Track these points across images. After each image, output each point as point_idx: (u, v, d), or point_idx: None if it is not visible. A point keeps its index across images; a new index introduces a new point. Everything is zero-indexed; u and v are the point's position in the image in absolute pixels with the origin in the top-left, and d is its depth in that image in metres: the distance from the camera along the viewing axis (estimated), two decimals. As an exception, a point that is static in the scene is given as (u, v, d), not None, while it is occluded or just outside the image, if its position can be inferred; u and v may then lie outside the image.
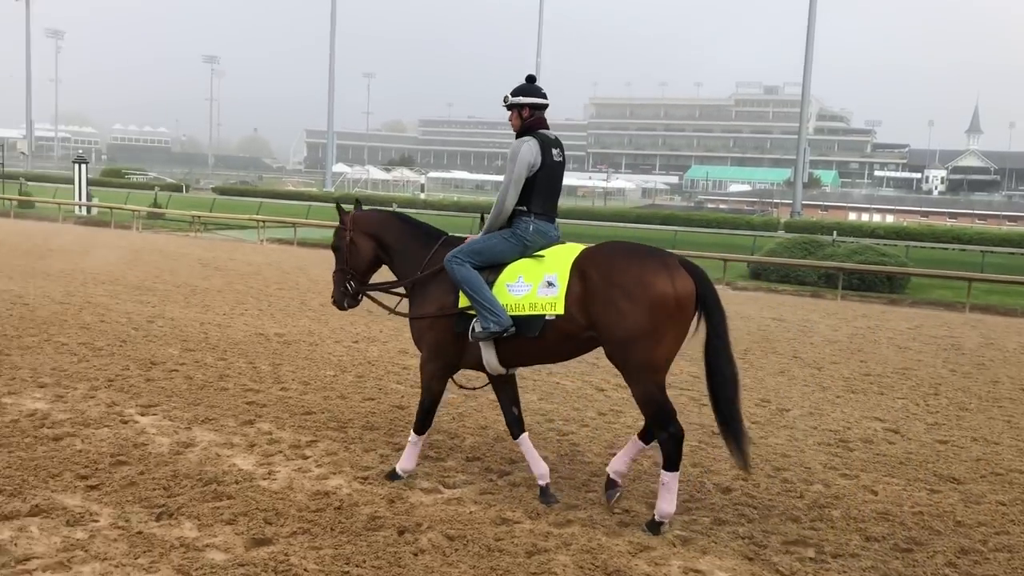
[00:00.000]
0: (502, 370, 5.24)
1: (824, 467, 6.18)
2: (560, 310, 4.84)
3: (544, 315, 4.88)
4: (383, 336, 10.41)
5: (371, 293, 5.85)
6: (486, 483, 5.46)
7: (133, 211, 29.50)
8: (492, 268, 5.11)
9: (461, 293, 5.08)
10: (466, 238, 5.44)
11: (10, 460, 5.32)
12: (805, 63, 46.62)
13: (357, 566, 4.16)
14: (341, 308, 5.89)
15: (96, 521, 4.50)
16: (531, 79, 5.39)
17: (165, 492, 4.95)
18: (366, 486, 5.26)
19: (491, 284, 5.04)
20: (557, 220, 5.36)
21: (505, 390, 5.46)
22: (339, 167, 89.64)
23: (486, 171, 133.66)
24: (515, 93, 5.29)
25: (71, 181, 35.22)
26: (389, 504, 4.98)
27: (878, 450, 6.69)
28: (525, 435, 5.37)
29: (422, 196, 60.89)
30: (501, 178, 5.29)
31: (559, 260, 4.98)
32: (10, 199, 33.08)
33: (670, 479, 4.72)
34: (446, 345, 5.25)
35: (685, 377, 8.43)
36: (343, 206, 5.93)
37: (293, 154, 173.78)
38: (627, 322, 4.66)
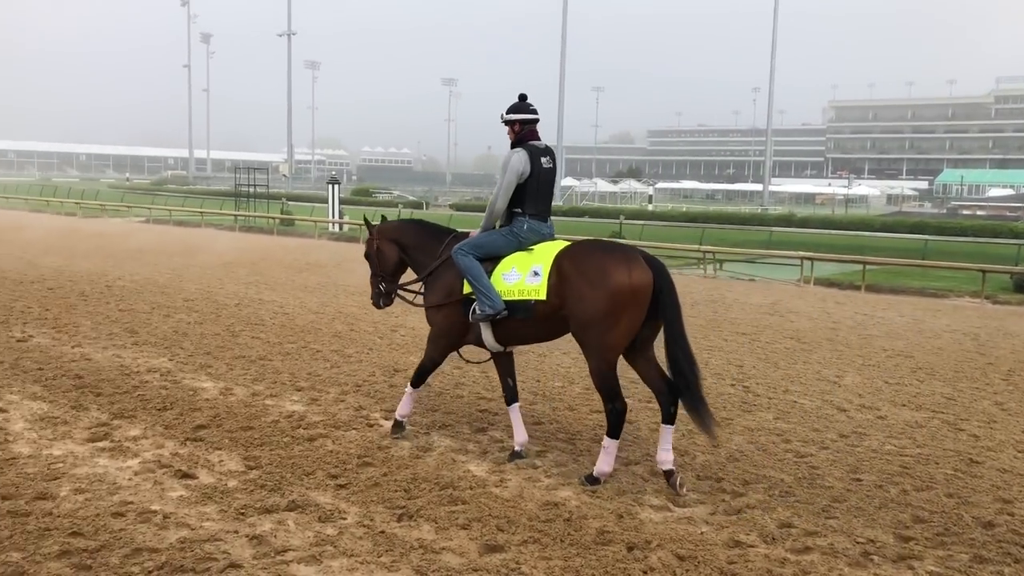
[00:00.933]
0: (499, 347, 6.04)
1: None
2: (542, 296, 5.61)
3: (530, 300, 5.64)
4: (612, 348, 10.40)
5: (400, 292, 6.71)
6: (718, 503, 5.29)
7: (379, 227, 31.47)
8: (492, 260, 5.88)
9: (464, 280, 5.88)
10: (470, 233, 6.22)
11: (271, 457, 5.81)
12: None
13: (586, 580, 4.15)
14: (377, 307, 6.78)
15: (344, 518, 4.81)
16: (523, 97, 6.20)
17: (406, 494, 5.20)
18: (595, 499, 5.25)
19: (490, 273, 5.80)
20: (551, 219, 6.21)
21: (503, 364, 6.24)
22: (567, 180, 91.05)
23: (716, 180, 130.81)
24: (509, 111, 6.10)
25: (326, 200, 38.22)
26: (618, 519, 4.94)
27: None
28: (516, 404, 6.15)
29: (650, 207, 60.53)
30: (733, 187, 5.25)
31: (545, 254, 5.77)
32: (273, 217, 36.40)
33: (610, 444, 5.52)
34: (453, 326, 6.07)
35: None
36: (369, 220, 6.75)
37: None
38: (588, 305, 5.37)
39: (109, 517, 4.70)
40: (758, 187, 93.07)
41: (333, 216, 35.00)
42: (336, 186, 36.52)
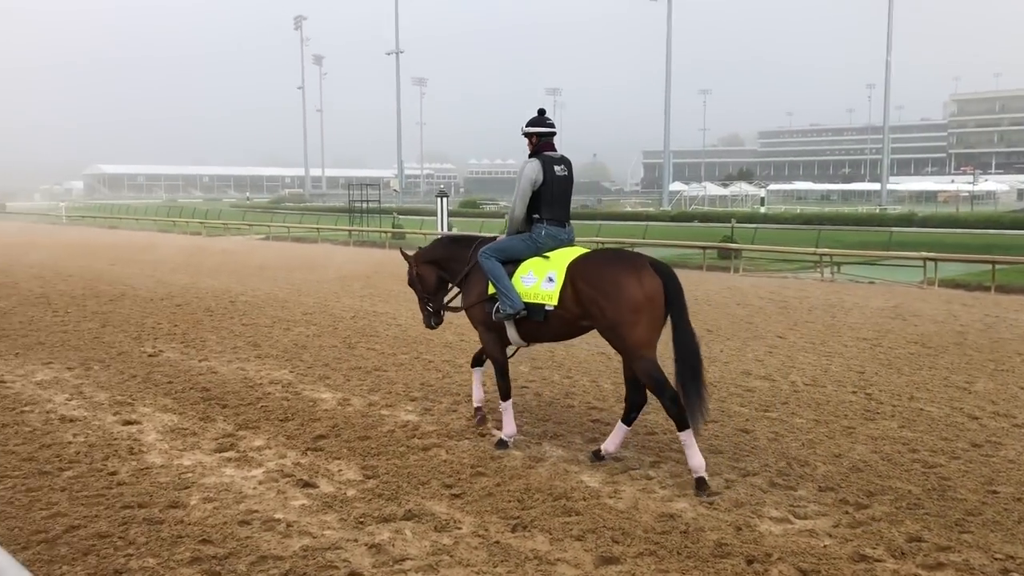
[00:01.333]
0: (524, 344, 6.52)
1: None
2: (555, 302, 6.01)
3: (544, 304, 6.05)
4: (724, 356, 10.19)
5: (447, 304, 7.16)
6: (841, 515, 5.09)
7: (487, 238, 31.81)
8: (513, 263, 6.29)
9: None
10: (496, 237, 6.66)
11: (388, 467, 5.93)
12: None
13: (704, 593, 4.07)
14: (429, 327, 7.25)
15: (459, 528, 4.86)
16: (541, 112, 6.65)
17: (519, 504, 5.22)
18: (711, 511, 5.14)
19: (511, 275, 6.23)
20: (571, 223, 6.61)
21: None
22: (676, 185, 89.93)
23: (831, 180, 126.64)
24: (528, 124, 6.54)
25: (434, 213, 38.90)
26: (736, 531, 4.82)
27: None
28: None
29: (762, 210, 59.10)
30: (849, 187, 5.14)
31: (560, 261, 6.12)
32: (385, 232, 37.25)
33: (687, 437, 5.58)
34: (493, 321, 6.35)
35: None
36: (406, 252, 7.53)
37: (630, 176, 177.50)
38: (607, 315, 5.76)
39: (236, 525, 4.89)
40: (875, 186, 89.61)
41: (442, 228, 35.54)
42: (444, 199, 37.09)
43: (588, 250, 6.25)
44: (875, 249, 24.31)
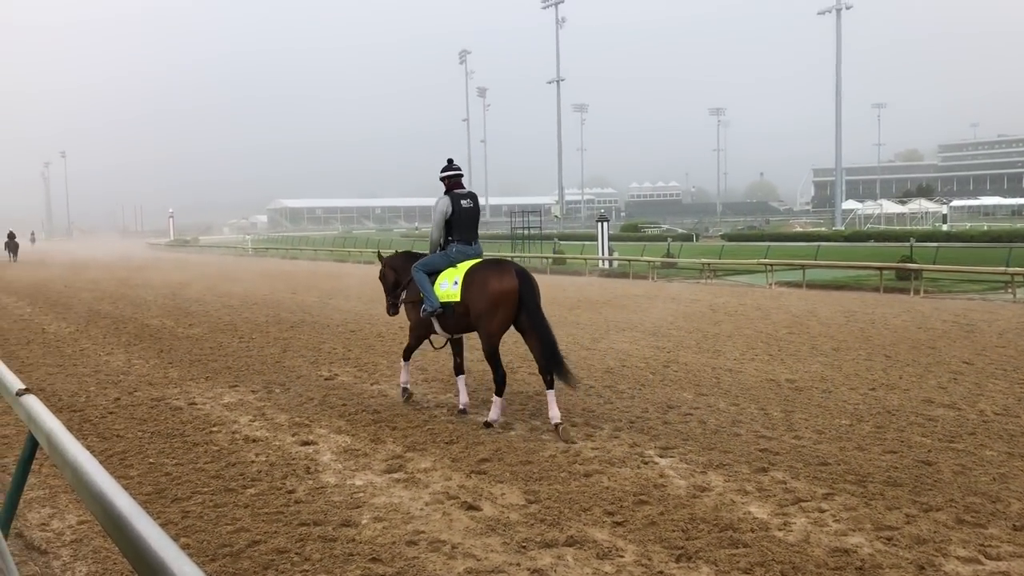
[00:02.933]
0: (447, 335, 8.50)
1: None
2: (457, 299, 7.99)
3: (451, 302, 8.04)
4: (903, 383, 9.61)
5: (401, 299, 9.07)
6: (1040, 558, 4.67)
7: (649, 262, 31.53)
8: (434, 273, 8.31)
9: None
10: (425, 255, 8.80)
11: (550, 492, 5.95)
12: None
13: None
14: (389, 314, 9.37)
15: (622, 556, 4.80)
16: (450, 161, 8.70)
17: (683, 534, 5.10)
18: (890, 547, 4.84)
19: (433, 283, 8.22)
20: (478, 242, 8.59)
21: (455, 346, 8.75)
22: (849, 203, 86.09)
23: (1023, 194, 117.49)
24: (442, 171, 8.61)
25: (595, 238, 38.93)
26: (919, 570, 4.51)
27: None
28: (462, 376, 8.66)
29: (944, 227, 55.58)
30: None
31: (462, 269, 8.12)
32: (545, 257, 37.64)
33: (497, 400, 7.96)
34: (421, 320, 8.51)
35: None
36: (381, 253, 10.07)
37: (800, 195, 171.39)
38: (477, 307, 7.81)
39: (404, 545, 5.03)
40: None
41: (603, 253, 35.51)
42: (605, 224, 37.07)
43: (481, 260, 8.25)
44: (1076, 267, 22.29)
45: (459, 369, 8.70)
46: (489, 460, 6.77)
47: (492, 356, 7.90)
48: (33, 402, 3.59)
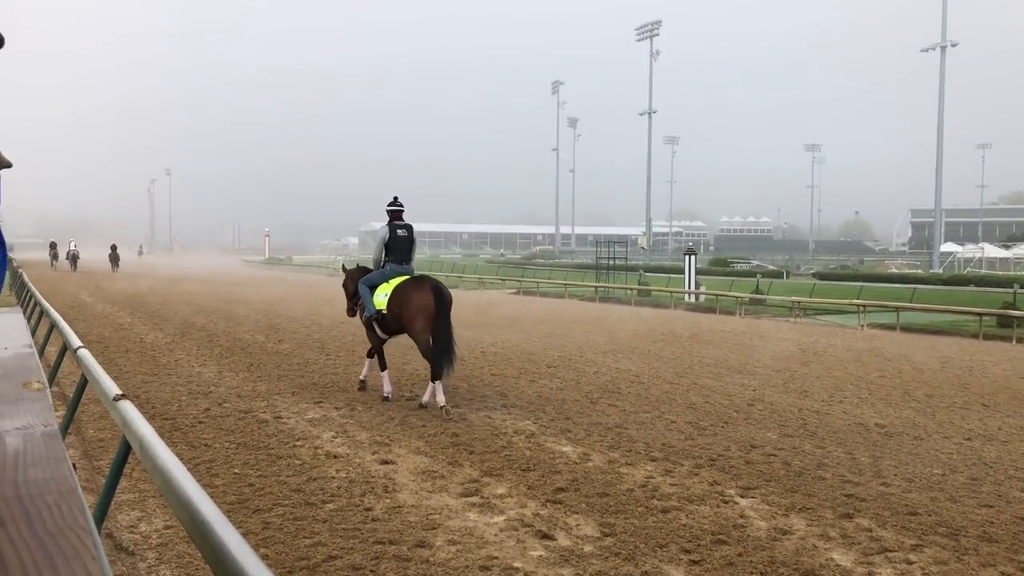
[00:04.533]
0: (385, 336, 10.63)
1: None
2: (384, 308, 10.12)
3: (382, 310, 10.13)
4: (1002, 435, 9.18)
5: (357, 307, 11.14)
6: None
7: (736, 297, 31.00)
8: (375, 287, 10.39)
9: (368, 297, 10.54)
10: (371, 270, 10.87)
11: (626, 526, 5.87)
12: None
13: None
14: (349, 315, 11.62)
15: (697, 596, 4.69)
16: (395, 198, 10.67)
17: (762, 578, 4.96)
18: (984, 607, 4.61)
19: (373, 294, 10.32)
20: (412, 263, 10.72)
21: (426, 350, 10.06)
22: (948, 246, 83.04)
23: None
24: (388, 205, 10.64)
25: (682, 271, 38.56)
26: (1013, 633, 4.28)
27: None
28: (386, 371, 10.63)
29: (1053, 274, 53.01)
30: None
31: (393, 284, 10.19)
32: (631, 288, 37.40)
33: (436, 385, 9.77)
34: (365, 322, 10.66)
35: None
36: (345, 265, 12.68)
37: (896, 235, 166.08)
38: (404, 316, 9.90)
39: (477, 570, 5.03)
40: None
41: (689, 287, 35.09)
42: (693, 257, 36.67)
43: (409, 277, 10.30)
44: None
45: (383, 366, 10.71)
46: (565, 490, 6.73)
47: (425, 352, 9.83)
48: (128, 408, 3.74)
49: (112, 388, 4.28)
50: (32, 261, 57.04)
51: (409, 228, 10.61)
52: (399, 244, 10.51)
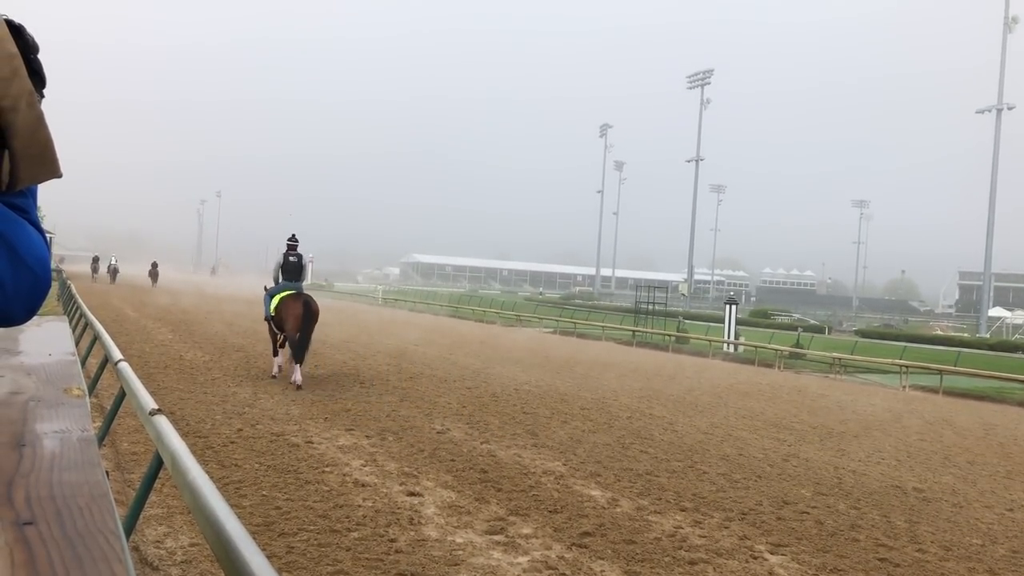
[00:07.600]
0: (281, 333, 14.30)
1: None
2: (273, 313, 14.36)
3: (273, 314, 14.37)
4: (1047, 507, 8.90)
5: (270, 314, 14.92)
6: None
7: (776, 350, 30.61)
8: (273, 296, 14.48)
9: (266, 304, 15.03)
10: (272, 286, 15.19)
11: (651, 575, 5.76)
12: None
13: None
14: (264, 318, 15.43)
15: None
16: (292, 236, 15.03)
17: (788, 638, 4.83)
18: None
19: (270, 301, 14.52)
20: (302, 283, 15.02)
21: (289, 341, 13.98)
22: (996, 311, 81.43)
23: None
24: (287, 239, 14.97)
25: (722, 320, 38.22)
26: None
27: None
28: (298, 366, 13.56)
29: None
30: None
31: (282, 296, 14.24)
32: (669, 335, 37.12)
33: (297, 367, 13.54)
34: (265, 320, 15.29)
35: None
36: (267, 286, 15.81)
37: (943, 297, 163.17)
38: (287, 322, 13.88)
39: (497, 609, 4.96)
40: None
41: (729, 336, 34.75)
42: (734, 307, 36.35)
43: (293, 292, 14.22)
44: None
45: (275, 352, 14.78)
46: (592, 534, 6.64)
47: (292, 344, 13.68)
48: (163, 423, 3.78)
49: (149, 402, 4.33)
50: (77, 273, 58.33)
51: (300, 256, 14.98)
52: (291, 267, 14.89)
